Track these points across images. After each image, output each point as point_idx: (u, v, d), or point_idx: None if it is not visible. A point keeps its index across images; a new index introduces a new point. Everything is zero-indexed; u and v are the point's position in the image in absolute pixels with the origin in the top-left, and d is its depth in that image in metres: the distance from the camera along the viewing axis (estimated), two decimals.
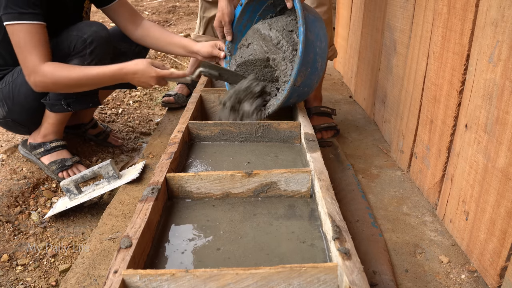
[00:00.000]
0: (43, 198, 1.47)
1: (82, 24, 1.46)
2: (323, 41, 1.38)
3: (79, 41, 1.42)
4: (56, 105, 1.49)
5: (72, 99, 1.49)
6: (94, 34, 1.43)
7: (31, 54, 1.30)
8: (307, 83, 1.38)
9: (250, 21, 1.58)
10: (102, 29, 1.46)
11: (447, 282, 0.98)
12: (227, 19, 1.51)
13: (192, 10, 4.67)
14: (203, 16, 2.04)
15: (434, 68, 1.24)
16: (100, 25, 1.48)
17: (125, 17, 1.62)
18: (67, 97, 1.48)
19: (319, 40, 1.36)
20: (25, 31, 1.29)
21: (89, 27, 1.44)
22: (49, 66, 1.32)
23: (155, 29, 1.65)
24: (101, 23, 1.49)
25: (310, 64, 1.34)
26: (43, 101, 1.49)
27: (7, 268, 1.17)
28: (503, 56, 0.89)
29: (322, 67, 1.41)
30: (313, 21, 1.37)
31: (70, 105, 1.50)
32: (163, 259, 0.91)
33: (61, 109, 1.50)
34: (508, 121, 0.88)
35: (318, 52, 1.36)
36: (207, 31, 2.06)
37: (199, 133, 1.44)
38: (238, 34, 1.57)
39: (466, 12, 1.05)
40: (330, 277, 0.77)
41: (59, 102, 1.48)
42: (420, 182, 1.35)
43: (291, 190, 1.12)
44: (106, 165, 1.36)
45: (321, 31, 1.38)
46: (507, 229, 0.88)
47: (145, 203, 0.96)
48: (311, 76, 1.37)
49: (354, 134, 1.80)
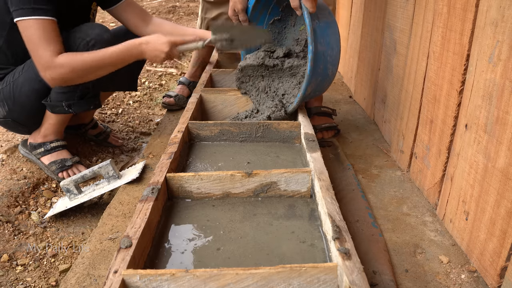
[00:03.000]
0: (43, 198, 1.47)
1: (85, 27, 1.46)
2: (335, 47, 1.38)
3: (82, 44, 1.41)
4: (57, 106, 1.49)
5: (73, 100, 1.49)
6: (97, 37, 1.43)
7: (45, 49, 1.30)
8: (319, 89, 1.45)
9: (266, 8, 1.59)
10: (104, 32, 1.46)
11: (447, 282, 0.98)
12: (240, 7, 1.51)
13: (192, 10, 4.67)
14: (204, 17, 2.03)
15: (434, 68, 1.24)
16: (102, 27, 1.48)
17: (134, 15, 1.64)
18: (68, 99, 1.48)
19: (330, 48, 1.36)
20: (38, 26, 1.30)
21: (92, 30, 1.45)
22: (63, 56, 1.33)
23: (166, 24, 1.69)
24: (103, 26, 1.49)
25: (320, 75, 1.37)
26: (44, 102, 1.49)
27: (7, 268, 1.17)
28: (503, 56, 0.89)
29: (333, 72, 1.42)
30: (325, 28, 1.35)
31: (71, 106, 1.49)
32: (163, 259, 0.91)
33: (62, 111, 1.50)
34: (508, 121, 0.88)
35: (329, 61, 1.37)
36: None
37: (199, 133, 1.44)
38: (254, 21, 1.58)
39: (466, 12, 1.05)
40: (330, 277, 0.77)
41: (60, 104, 1.48)
42: (420, 182, 1.35)
43: (291, 190, 1.12)
44: (106, 165, 1.36)
45: (333, 38, 1.37)
46: (507, 229, 0.88)
47: (145, 203, 0.96)
48: (322, 83, 1.43)
49: (354, 134, 1.80)
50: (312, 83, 1.36)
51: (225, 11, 1.95)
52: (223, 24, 1.47)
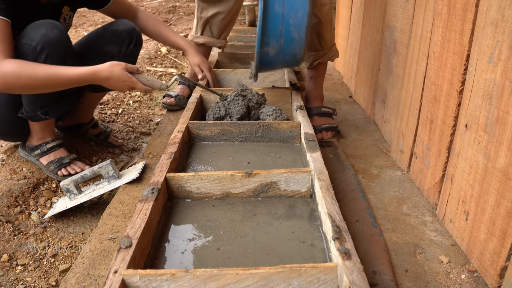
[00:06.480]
0: (43, 198, 1.47)
1: (30, 28, 1.32)
2: (300, 10, 1.39)
3: (29, 50, 1.29)
4: (34, 116, 1.45)
5: (47, 107, 1.43)
6: (43, 39, 1.29)
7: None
8: (288, 52, 1.44)
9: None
10: (51, 30, 1.32)
11: (447, 282, 0.98)
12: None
13: (192, 10, 4.67)
14: (200, 16, 2.02)
15: (434, 68, 1.24)
16: (49, 24, 1.33)
17: (122, 14, 1.66)
18: (42, 106, 1.42)
19: (293, 11, 1.38)
20: None
21: (36, 31, 1.30)
22: (11, 62, 1.21)
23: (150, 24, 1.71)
24: (51, 21, 1.34)
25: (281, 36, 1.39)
26: (20, 115, 1.44)
27: (7, 268, 1.17)
28: (503, 56, 0.89)
29: (301, 36, 1.42)
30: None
31: (48, 113, 1.45)
32: (163, 259, 0.91)
33: (40, 119, 1.46)
34: (508, 121, 0.88)
35: (291, 23, 1.38)
36: (205, 32, 2.05)
37: (199, 133, 1.44)
38: None
39: (466, 12, 1.05)
40: (330, 277, 0.77)
41: (36, 114, 1.43)
42: (420, 182, 1.35)
43: (291, 190, 1.12)
44: (106, 165, 1.36)
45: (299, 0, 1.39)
46: (507, 229, 0.88)
47: (145, 203, 0.96)
48: (289, 46, 1.43)
49: (354, 134, 1.80)
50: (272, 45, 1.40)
51: (221, 10, 1.96)
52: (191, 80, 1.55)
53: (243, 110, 1.49)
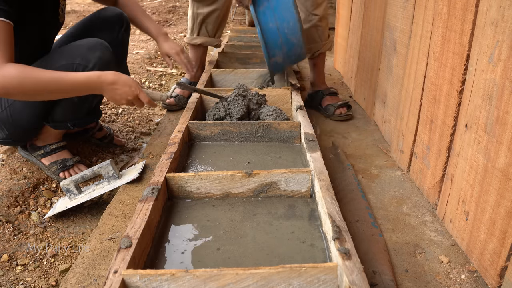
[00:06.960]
0: (43, 198, 1.47)
1: (84, 48, 1.35)
2: (291, 20, 1.57)
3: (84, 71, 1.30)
4: (61, 126, 1.48)
5: (78, 120, 1.47)
6: (99, 62, 1.33)
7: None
8: (292, 54, 1.66)
9: None
10: (106, 51, 1.38)
11: (447, 282, 0.98)
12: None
13: None
14: (197, 13, 2.00)
15: (434, 68, 1.24)
16: (102, 47, 1.38)
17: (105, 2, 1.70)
18: (73, 119, 1.46)
19: (285, 22, 1.57)
20: None
21: (92, 53, 1.34)
22: (12, 67, 1.16)
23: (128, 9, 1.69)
24: (102, 42, 1.40)
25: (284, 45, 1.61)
26: (47, 124, 1.46)
27: (7, 268, 1.17)
28: (503, 56, 0.89)
29: (299, 39, 1.61)
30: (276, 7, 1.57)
31: (76, 125, 1.48)
32: (163, 259, 0.91)
33: (65, 127, 1.49)
34: (508, 121, 0.88)
35: (287, 33, 1.59)
36: (201, 32, 2.04)
37: (199, 133, 1.44)
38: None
39: (466, 12, 1.05)
40: (330, 277, 0.77)
41: (64, 124, 1.46)
42: (420, 182, 1.35)
43: (291, 190, 1.12)
44: (106, 165, 1.36)
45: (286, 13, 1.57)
46: (507, 229, 0.88)
47: (145, 203, 0.96)
48: (292, 50, 1.64)
49: (354, 134, 1.80)
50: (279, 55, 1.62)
51: (217, 7, 1.97)
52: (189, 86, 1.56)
53: (243, 110, 1.49)
